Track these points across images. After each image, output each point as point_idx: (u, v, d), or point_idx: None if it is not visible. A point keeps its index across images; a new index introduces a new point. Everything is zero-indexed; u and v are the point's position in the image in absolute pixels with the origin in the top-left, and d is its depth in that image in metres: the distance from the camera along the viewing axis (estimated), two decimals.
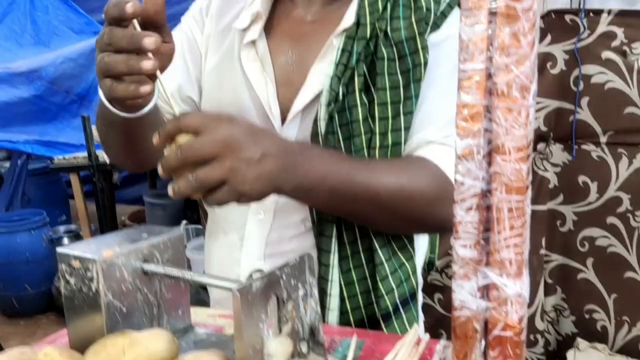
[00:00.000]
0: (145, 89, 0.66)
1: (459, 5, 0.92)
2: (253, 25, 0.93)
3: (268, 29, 0.94)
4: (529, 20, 0.51)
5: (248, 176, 0.65)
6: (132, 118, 0.75)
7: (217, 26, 0.98)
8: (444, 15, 0.86)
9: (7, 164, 4.29)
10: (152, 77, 0.67)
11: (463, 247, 0.58)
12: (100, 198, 2.61)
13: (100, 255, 0.59)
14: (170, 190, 0.65)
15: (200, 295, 2.59)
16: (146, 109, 0.75)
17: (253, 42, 0.93)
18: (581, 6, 1.55)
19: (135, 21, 0.65)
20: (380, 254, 0.87)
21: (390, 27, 0.84)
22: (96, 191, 2.60)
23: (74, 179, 2.63)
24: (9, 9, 3.63)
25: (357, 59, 0.84)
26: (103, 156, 2.51)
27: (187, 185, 0.63)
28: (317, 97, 0.87)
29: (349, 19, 0.87)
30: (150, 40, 0.63)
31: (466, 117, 0.54)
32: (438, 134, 0.84)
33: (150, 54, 0.64)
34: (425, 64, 0.83)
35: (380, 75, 0.83)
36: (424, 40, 0.84)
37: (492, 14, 0.53)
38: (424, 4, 0.86)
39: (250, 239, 0.94)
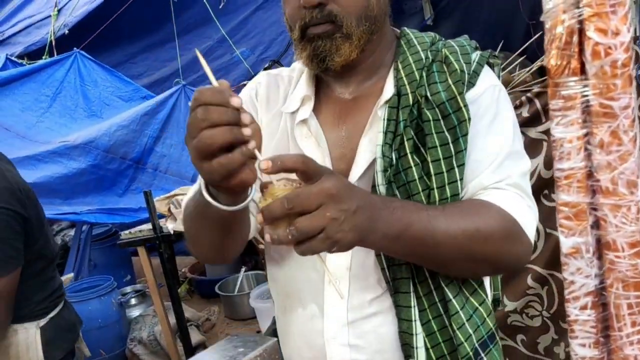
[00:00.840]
0: (252, 144, 0.67)
1: (488, 64, 0.97)
2: (302, 107, 0.99)
3: (315, 109, 1.00)
4: (627, 117, 0.50)
5: (344, 226, 0.69)
6: (232, 211, 0.75)
7: (268, 112, 1.04)
8: (476, 73, 0.93)
9: (71, 232, 4.46)
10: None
11: (582, 347, 0.55)
12: (165, 261, 2.68)
13: None
14: (268, 238, 0.68)
15: None
16: (247, 200, 0.75)
17: (304, 121, 0.99)
18: (638, 34, 1.51)
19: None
20: (455, 303, 0.89)
21: (429, 92, 0.91)
22: (163, 259, 2.67)
23: (141, 252, 2.71)
24: (60, 87, 3.83)
25: (404, 125, 0.90)
26: (167, 227, 2.58)
27: (287, 235, 0.67)
28: (370, 165, 0.92)
29: (388, 91, 0.93)
30: (246, 116, 0.67)
31: (569, 216, 0.52)
32: (490, 179, 0.89)
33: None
34: (469, 119, 0.89)
35: (429, 135, 0.89)
36: (464, 98, 0.90)
37: (585, 112, 0.52)
38: (457, 66, 0.92)
39: (332, 308, 0.95)
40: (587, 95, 0.48)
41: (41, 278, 1.76)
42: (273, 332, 2.77)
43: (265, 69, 4.55)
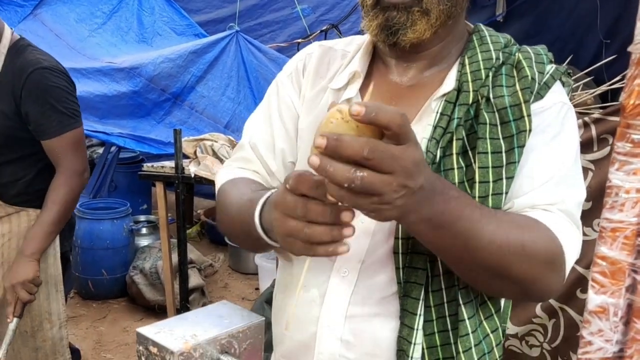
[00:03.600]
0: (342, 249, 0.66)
1: (561, 80, 0.89)
2: (350, 85, 0.94)
3: (363, 90, 0.94)
4: None
5: (397, 202, 0.63)
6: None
7: (313, 88, 0.98)
8: (547, 85, 0.87)
9: (100, 150, 4.53)
10: None
11: None
12: (180, 202, 2.69)
13: (179, 346, 0.57)
14: (316, 162, 0.60)
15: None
16: None
17: (348, 100, 0.93)
18: None
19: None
20: (468, 325, 0.84)
21: (492, 94, 0.85)
22: (178, 200, 2.68)
23: (159, 187, 2.73)
24: (118, 6, 3.84)
25: (457, 123, 0.84)
26: (189, 169, 2.58)
27: (348, 177, 0.60)
28: None
29: (448, 84, 0.88)
30: (348, 215, 0.64)
31: (605, 272, 0.47)
32: (541, 199, 0.83)
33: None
34: (530, 130, 0.83)
35: (482, 139, 0.83)
36: (529, 107, 0.83)
37: None
38: (528, 73, 0.86)
39: (332, 297, 0.91)
40: None
41: None
42: (270, 295, 2.78)
43: (322, 31, 4.46)
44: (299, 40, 4.36)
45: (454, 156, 0.83)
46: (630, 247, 0.43)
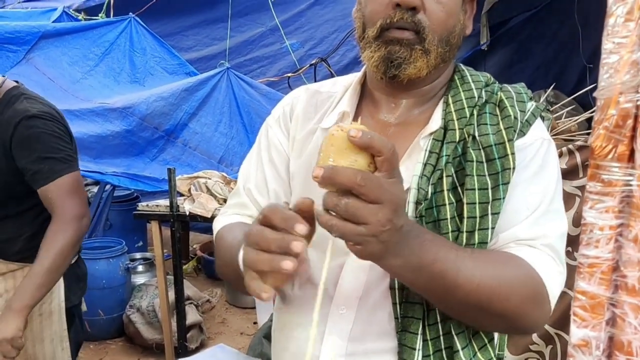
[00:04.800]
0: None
1: (542, 117, 0.94)
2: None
3: None
4: None
5: (382, 236, 0.67)
6: None
7: (302, 130, 1.01)
8: (528, 123, 0.91)
9: (94, 189, 4.54)
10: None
11: None
12: (176, 241, 2.69)
13: None
14: (318, 172, 0.64)
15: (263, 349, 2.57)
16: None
17: (345, 114, 0.97)
18: None
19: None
20: (462, 355, 0.86)
21: (478, 132, 0.89)
22: (174, 237, 2.69)
23: (154, 226, 2.73)
24: (110, 48, 3.89)
25: (446, 160, 0.87)
26: (183, 207, 2.59)
27: (335, 203, 0.65)
28: None
29: (435, 123, 0.91)
30: (298, 245, 0.67)
31: (585, 306, 0.49)
32: (525, 233, 0.86)
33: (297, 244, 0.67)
34: (514, 168, 0.86)
35: (470, 176, 0.86)
36: (512, 146, 0.87)
37: (624, 202, 0.48)
38: (511, 112, 0.90)
39: (332, 335, 0.92)
40: (630, 185, 0.44)
41: None
42: (269, 329, 2.76)
43: (311, 65, 4.54)
44: (289, 75, 4.43)
45: (445, 192, 0.86)
46: (607, 282, 0.45)
